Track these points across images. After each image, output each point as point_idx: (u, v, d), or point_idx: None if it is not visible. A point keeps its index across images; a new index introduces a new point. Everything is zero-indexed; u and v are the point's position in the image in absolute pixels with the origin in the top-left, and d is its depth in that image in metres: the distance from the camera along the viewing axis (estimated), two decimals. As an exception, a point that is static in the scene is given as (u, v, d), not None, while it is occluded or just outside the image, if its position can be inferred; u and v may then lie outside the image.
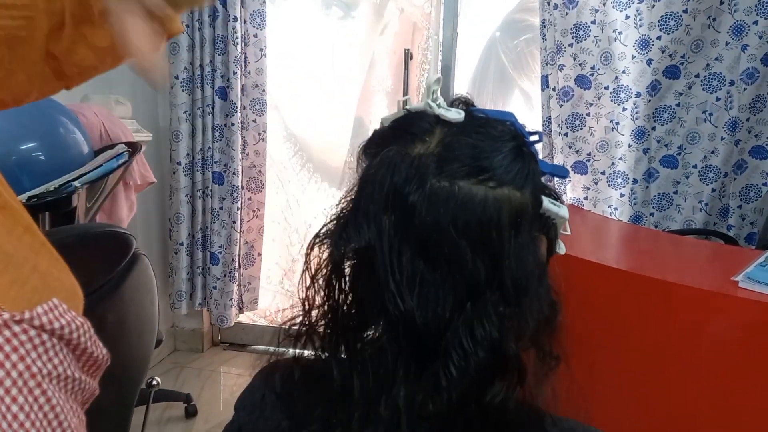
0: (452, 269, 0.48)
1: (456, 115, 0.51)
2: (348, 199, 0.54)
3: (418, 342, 0.48)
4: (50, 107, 1.70)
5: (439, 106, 0.52)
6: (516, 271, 0.49)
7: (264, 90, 2.49)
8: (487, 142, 0.50)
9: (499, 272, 0.49)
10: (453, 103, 0.55)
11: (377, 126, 0.57)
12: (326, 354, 0.53)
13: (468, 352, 0.48)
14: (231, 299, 2.65)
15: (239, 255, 2.64)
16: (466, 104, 0.55)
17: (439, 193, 0.48)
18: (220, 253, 2.61)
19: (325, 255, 0.53)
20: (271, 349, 0.57)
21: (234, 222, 2.56)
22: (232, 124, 2.46)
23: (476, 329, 0.48)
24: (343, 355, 0.52)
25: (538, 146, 2.11)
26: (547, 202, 0.52)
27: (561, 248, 0.56)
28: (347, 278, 0.52)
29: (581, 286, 1.46)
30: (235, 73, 2.40)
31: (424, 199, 0.48)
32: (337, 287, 0.52)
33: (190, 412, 2.34)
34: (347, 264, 0.52)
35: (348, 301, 0.53)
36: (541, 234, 0.53)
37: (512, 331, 0.50)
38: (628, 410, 1.43)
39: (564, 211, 0.53)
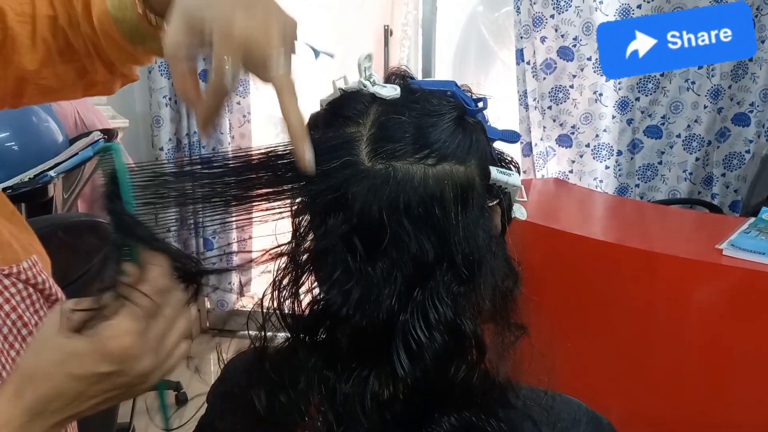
0: (399, 253, 0.46)
1: (391, 91, 0.48)
2: None
3: (370, 332, 0.47)
4: (21, 95, 1.65)
5: (373, 83, 0.49)
6: (466, 247, 0.47)
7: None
8: (423, 117, 0.47)
9: (448, 250, 0.47)
10: (389, 78, 0.52)
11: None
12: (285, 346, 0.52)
13: (423, 337, 0.46)
14: (230, 283, 2.64)
15: (234, 239, 2.62)
16: (403, 78, 0.52)
17: (376, 177, 0.45)
18: (214, 237, 2.59)
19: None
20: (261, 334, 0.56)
21: (227, 204, 2.54)
22: (218, 107, 2.41)
23: (429, 312, 0.46)
24: (302, 349, 0.50)
25: (515, 120, 2.05)
26: (495, 172, 0.49)
27: (522, 213, 0.53)
28: (301, 278, 0.51)
29: (569, 260, 1.46)
30: (216, 54, 2.34)
31: (361, 186, 0.45)
32: (290, 286, 0.51)
33: (181, 400, 2.33)
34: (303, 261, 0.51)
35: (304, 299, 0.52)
36: (495, 204, 0.51)
37: (468, 309, 0.48)
38: (618, 379, 1.44)
39: (515, 179, 0.50)
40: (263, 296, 0.52)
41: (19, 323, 0.52)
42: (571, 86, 2.17)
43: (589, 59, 2.11)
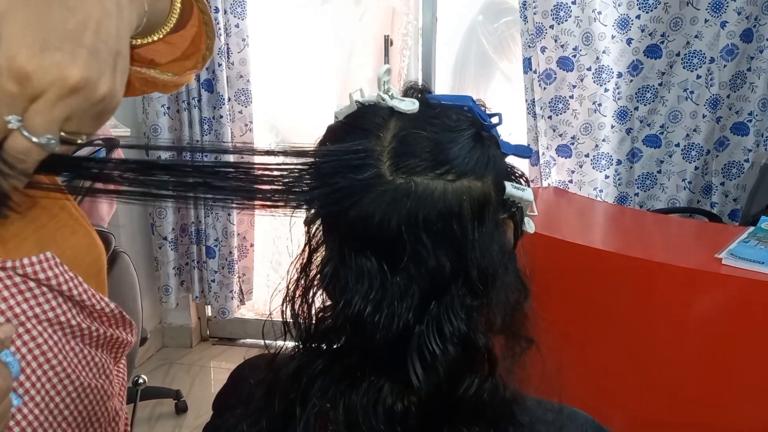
0: (417, 268, 0.47)
1: (410, 105, 0.49)
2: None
3: (386, 344, 0.47)
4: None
5: (391, 97, 0.49)
6: (482, 261, 0.48)
7: (248, 80, 2.46)
8: (443, 133, 0.48)
9: (464, 265, 0.47)
10: (407, 92, 0.52)
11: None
12: (297, 355, 0.52)
13: (438, 350, 0.47)
14: (231, 291, 2.65)
15: (236, 247, 2.63)
16: (420, 92, 0.52)
17: (397, 190, 0.46)
18: (216, 246, 2.60)
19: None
20: (262, 342, 0.56)
21: (229, 214, 2.55)
22: (221, 117, 2.43)
23: (444, 326, 0.47)
24: (315, 359, 0.51)
25: (522, 130, 2.06)
26: (510, 187, 0.50)
27: (530, 227, 0.54)
28: (316, 287, 0.51)
29: (569, 269, 1.46)
30: (219, 64, 2.37)
31: (381, 199, 0.46)
32: (304, 296, 0.52)
33: (181, 408, 2.33)
34: (316, 270, 0.51)
35: (319, 309, 0.52)
36: (507, 218, 0.52)
37: (481, 323, 0.49)
38: (618, 388, 1.44)
39: (528, 194, 0.51)
40: (281, 305, 0.53)
41: (8, 313, 0.54)
42: (571, 96, 2.18)
43: (589, 69, 2.13)
